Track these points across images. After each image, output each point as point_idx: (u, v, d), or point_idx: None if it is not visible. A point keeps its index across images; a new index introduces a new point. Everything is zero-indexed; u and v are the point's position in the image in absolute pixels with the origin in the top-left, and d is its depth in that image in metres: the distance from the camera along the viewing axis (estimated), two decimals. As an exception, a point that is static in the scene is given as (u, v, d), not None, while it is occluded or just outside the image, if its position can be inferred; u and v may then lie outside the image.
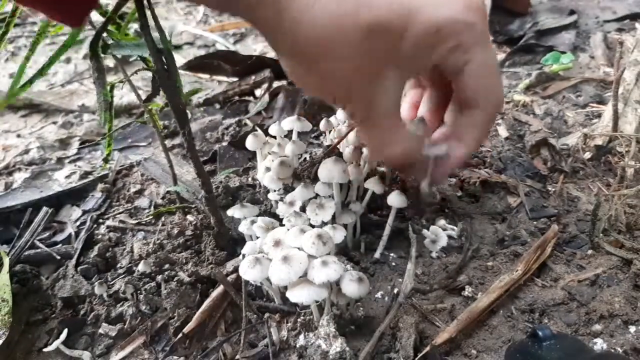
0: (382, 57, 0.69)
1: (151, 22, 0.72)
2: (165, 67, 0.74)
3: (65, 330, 0.88)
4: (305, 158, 1.17)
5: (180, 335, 0.85)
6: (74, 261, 1.02)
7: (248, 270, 0.77)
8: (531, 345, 0.68)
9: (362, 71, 0.69)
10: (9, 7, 0.79)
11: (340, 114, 1.09)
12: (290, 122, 1.03)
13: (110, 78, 0.96)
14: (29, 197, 1.21)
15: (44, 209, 1.14)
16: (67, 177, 1.35)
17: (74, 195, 1.25)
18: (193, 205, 1.10)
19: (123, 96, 1.66)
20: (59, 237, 1.12)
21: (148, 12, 0.70)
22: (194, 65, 1.68)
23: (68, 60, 2.11)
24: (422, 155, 0.82)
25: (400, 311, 0.82)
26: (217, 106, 1.60)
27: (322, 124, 1.10)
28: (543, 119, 1.35)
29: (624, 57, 1.39)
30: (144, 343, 0.87)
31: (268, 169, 0.99)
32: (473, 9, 0.71)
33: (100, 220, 1.16)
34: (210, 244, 1.00)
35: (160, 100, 0.94)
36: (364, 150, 0.98)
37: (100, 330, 0.89)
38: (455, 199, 1.10)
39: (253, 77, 1.55)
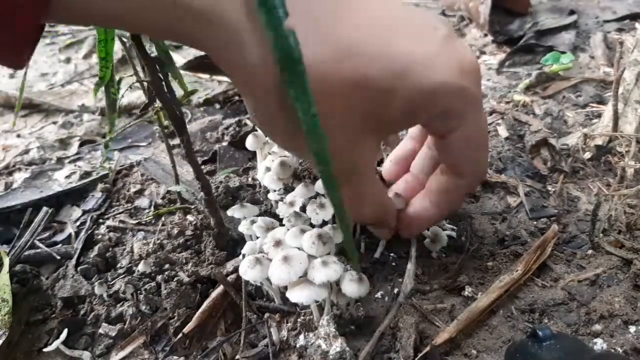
0: (365, 118, 0.60)
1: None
2: (161, 76, 0.74)
3: (65, 330, 0.88)
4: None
5: (180, 335, 0.85)
6: (74, 261, 1.02)
7: (248, 270, 0.77)
8: (531, 345, 0.68)
9: (345, 130, 0.60)
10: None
11: None
12: (291, 122, 1.03)
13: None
14: (29, 197, 1.21)
15: (44, 209, 1.14)
16: (67, 177, 1.35)
17: (74, 195, 1.25)
18: (193, 206, 1.10)
19: (123, 96, 1.66)
20: (59, 237, 1.12)
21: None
22: (194, 65, 1.68)
23: (68, 60, 2.11)
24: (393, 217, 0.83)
25: (400, 311, 0.82)
26: (217, 106, 1.60)
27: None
28: (543, 119, 1.35)
29: (624, 57, 1.39)
30: (144, 343, 0.87)
31: (268, 169, 0.99)
32: (467, 72, 0.61)
33: (100, 220, 1.16)
34: (210, 244, 1.00)
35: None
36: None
37: (100, 330, 0.89)
38: (455, 199, 1.10)
39: (253, 77, 1.55)
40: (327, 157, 0.53)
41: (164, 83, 0.76)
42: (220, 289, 0.90)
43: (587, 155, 1.18)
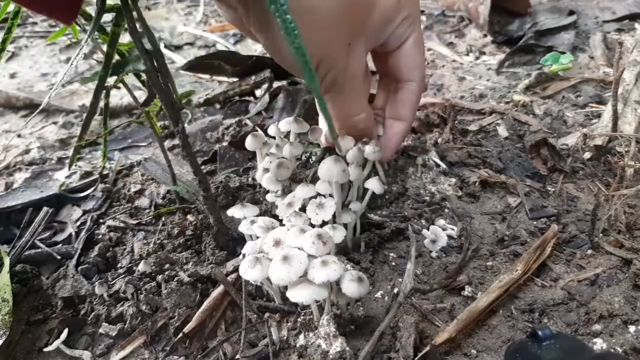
0: (357, 28, 0.81)
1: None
2: (156, 68, 0.74)
3: (66, 330, 0.88)
4: (306, 158, 1.18)
5: (180, 335, 0.85)
6: (74, 261, 1.03)
7: (248, 270, 0.77)
8: (531, 345, 0.69)
9: (342, 38, 0.80)
10: (11, 7, 0.79)
11: None
12: (287, 124, 1.03)
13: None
14: (29, 197, 1.21)
15: (44, 209, 1.14)
16: (68, 177, 1.35)
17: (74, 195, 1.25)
18: (193, 205, 1.10)
19: (123, 96, 1.66)
20: (59, 237, 1.13)
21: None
22: (195, 66, 1.68)
23: (68, 61, 2.12)
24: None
25: (400, 311, 0.82)
26: (217, 106, 1.60)
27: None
28: (543, 119, 1.35)
29: (624, 57, 1.39)
30: (144, 343, 0.87)
31: (266, 170, 0.99)
32: None
33: (101, 220, 1.16)
34: (210, 243, 1.00)
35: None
36: (365, 147, 0.98)
37: (101, 330, 0.89)
38: (455, 199, 1.10)
39: (253, 78, 1.56)
40: (304, 50, 0.58)
41: (159, 74, 0.76)
42: (220, 288, 0.90)
43: (587, 155, 1.18)
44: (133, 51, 0.75)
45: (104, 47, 0.73)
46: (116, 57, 0.78)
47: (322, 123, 1.10)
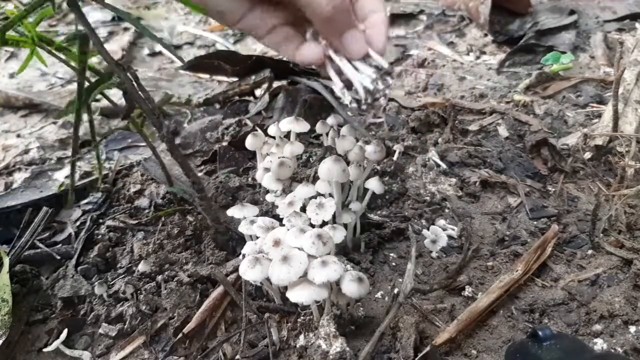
0: None
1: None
2: (131, 78, 0.75)
3: (65, 330, 0.88)
4: (306, 157, 1.18)
5: (180, 335, 0.85)
6: (74, 261, 1.02)
7: (248, 270, 0.76)
8: (531, 345, 0.68)
9: None
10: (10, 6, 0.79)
11: (331, 120, 1.08)
12: (288, 123, 1.03)
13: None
14: (29, 197, 1.21)
15: (44, 209, 1.14)
16: (67, 177, 1.35)
17: (74, 195, 1.24)
18: (192, 206, 1.10)
19: (121, 97, 1.66)
20: (59, 237, 1.12)
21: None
22: (194, 65, 1.68)
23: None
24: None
25: (400, 311, 0.82)
26: (217, 106, 1.60)
27: (318, 126, 1.10)
28: (543, 119, 1.35)
29: (624, 57, 1.39)
30: (144, 343, 0.87)
31: (267, 170, 0.99)
32: None
33: (100, 220, 1.15)
34: (209, 244, 1.00)
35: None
36: (366, 147, 0.98)
37: (100, 330, 0.89)
38: (455, 199, 1.10)
39: (253, 77, 1.55)
40: None
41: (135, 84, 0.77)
42: (220, 289, 0.90)
43: (587, 155, 1.18)
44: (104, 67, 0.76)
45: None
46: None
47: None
